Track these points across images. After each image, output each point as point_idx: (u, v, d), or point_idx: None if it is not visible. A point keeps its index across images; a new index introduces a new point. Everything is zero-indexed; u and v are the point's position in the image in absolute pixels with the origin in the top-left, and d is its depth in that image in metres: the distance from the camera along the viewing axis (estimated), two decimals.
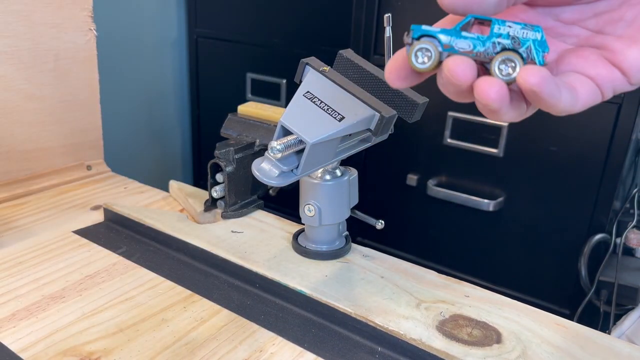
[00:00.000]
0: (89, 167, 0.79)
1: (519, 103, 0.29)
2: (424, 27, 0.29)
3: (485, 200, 1.05)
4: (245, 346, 0.43)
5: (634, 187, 1.02)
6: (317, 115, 0.42)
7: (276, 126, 0.42)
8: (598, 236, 0.96)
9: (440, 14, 0.29)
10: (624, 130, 0.90)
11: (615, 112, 0.90)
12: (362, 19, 1.13)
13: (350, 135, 0.48)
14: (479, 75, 0.28)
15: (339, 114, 0.42)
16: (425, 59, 0.29)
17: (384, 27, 0.39)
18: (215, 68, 1.48)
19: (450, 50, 0.29)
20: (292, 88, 1.29)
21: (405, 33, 0.29)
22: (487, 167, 1.05)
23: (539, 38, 0.28)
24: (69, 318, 0.46)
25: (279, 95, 1.34)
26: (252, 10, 1.35)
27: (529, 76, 0.26)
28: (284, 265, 0.52)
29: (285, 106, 0.41)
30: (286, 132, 0.42)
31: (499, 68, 0.28)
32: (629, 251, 0.99)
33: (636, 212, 0.99)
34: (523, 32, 0.28)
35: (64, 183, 0.74)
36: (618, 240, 0.97)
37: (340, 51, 0.46)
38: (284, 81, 1.32)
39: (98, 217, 0.65)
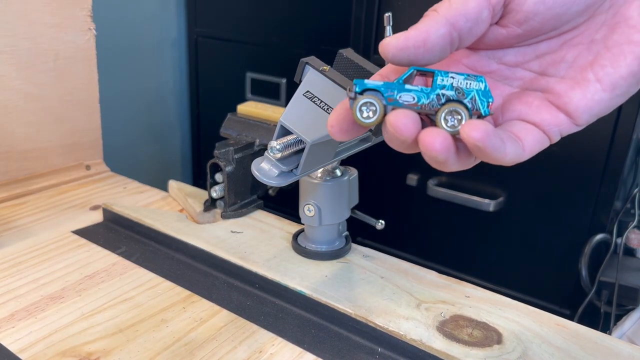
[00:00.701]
0: (88, 167, 0.79)
1: (467, 154, 0.28)
2: (367, 81, 0.29)
3: (486, 200, 1.05)
4: (245, 347, 0.43)
5: (635, 187, 1.02)
6: (317, 114, 0.42)
7: (276, 126, 0.42)
8: (599, 236, 0.95)
9: None
10: (625, 130, 0.90)
11: (615, 111, 0.90)
12: (362, 18, 1.13)
13: None
14: (425, 126, 0.28)
15: None
16: (370, 114, 0.29)
17: (384, 27, 0.39)
18: (215, 68, 1.48)
19: (395, 104, 0.28)
20: (292, 87, 1.29)
21: (348, 88, 0.29)
22: (487, 167, 1.04)
23: (482, 88, 0.28)
24: (68, 318, 0.46)
25: (279, 94, 1.33)
26: (252, 10, 1.35)
27: (472, 131, 0.26)
28: (283, 266, 0.52)
29: (285, 106, 0.41)
30: (286, 132, 0.41)
31: (444, 119, 0.28)
32: (629, 251, 0.98)
33: (637, 212, 0.99)
34: (466, 83, 0.28)
35: (63, 183, 0.74)
36: (619, 240, 0.97)
37: (340, 50, 0.46)
38: (284, 81, 1.32)
39: (97, 217, 0.65)
